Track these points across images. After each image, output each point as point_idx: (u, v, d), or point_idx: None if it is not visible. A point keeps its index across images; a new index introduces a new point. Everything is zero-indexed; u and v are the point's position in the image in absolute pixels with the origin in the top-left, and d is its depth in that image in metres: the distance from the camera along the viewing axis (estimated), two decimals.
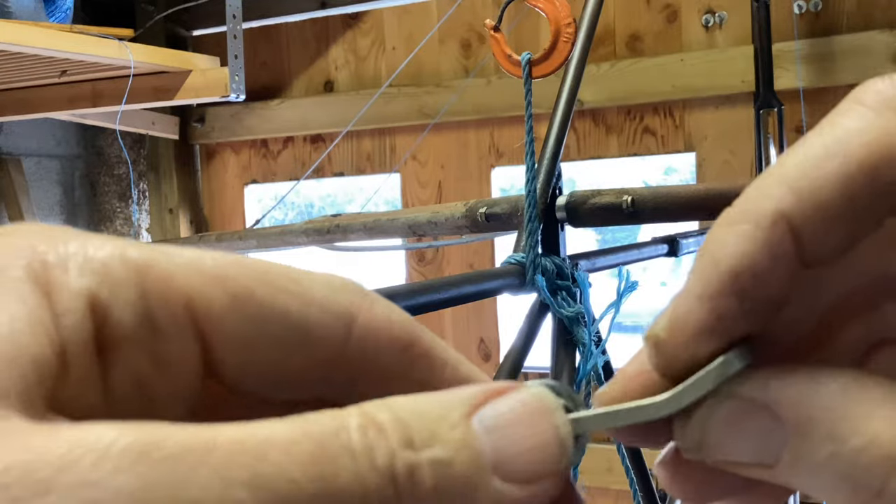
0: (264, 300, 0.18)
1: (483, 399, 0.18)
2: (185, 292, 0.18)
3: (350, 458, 0.16)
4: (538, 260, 0.83)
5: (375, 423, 0.16)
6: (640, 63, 2.53)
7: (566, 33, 0.86)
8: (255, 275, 0.19)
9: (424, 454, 0.16)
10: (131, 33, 2.10)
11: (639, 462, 1.00)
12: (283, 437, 0.16)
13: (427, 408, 0.17)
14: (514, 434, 0.17)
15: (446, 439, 0.17)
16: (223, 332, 0.18)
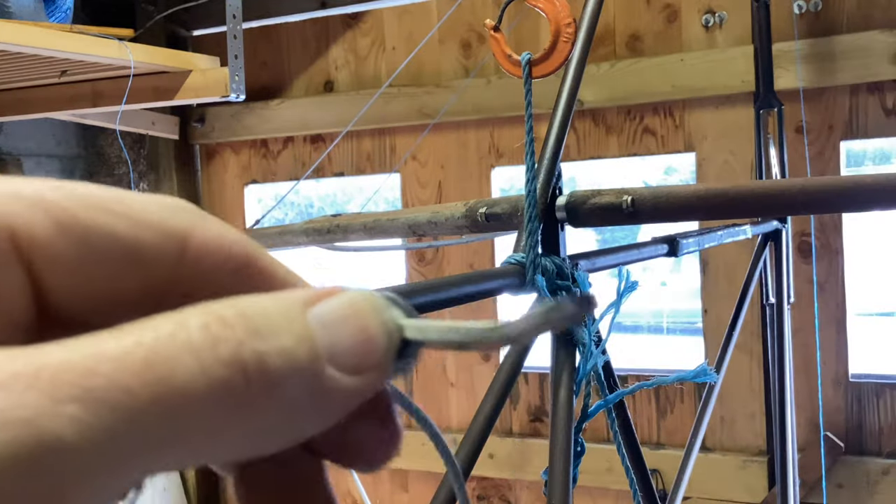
0: (89, 223, 0.18)
1: (316, 298, 0.18)
2: (6, 221, 0.17)
3: (190, 354, 0.16)
4: (538, 260, 0.83)
5: (219, 318, 0.17)
6: (640, 63, 2.53)
7: (566, 33, 0.86)
8: (79, 198, 0.18)
9: (271, 342, 0.17)
10: (131, 33, 2.10)
11: (639, 462, 1.00)
12: (115, 348, 0.16)
13: (267, 305, 0.18)
14: (344, 329, 0.18)
15: (289, 331, 0.17)
16: (49, 258, 0.18)
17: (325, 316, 0.18)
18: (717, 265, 2.49)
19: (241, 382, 0.16)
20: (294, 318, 0.18)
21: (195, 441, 0.16)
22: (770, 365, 1.98)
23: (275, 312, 0.18)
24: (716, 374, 0.99)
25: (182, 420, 0.16)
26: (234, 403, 0.16)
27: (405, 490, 2.95)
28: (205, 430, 0.16)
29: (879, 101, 2.33)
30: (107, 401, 0.15)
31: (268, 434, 0.17)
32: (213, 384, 0.16)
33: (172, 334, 0.16)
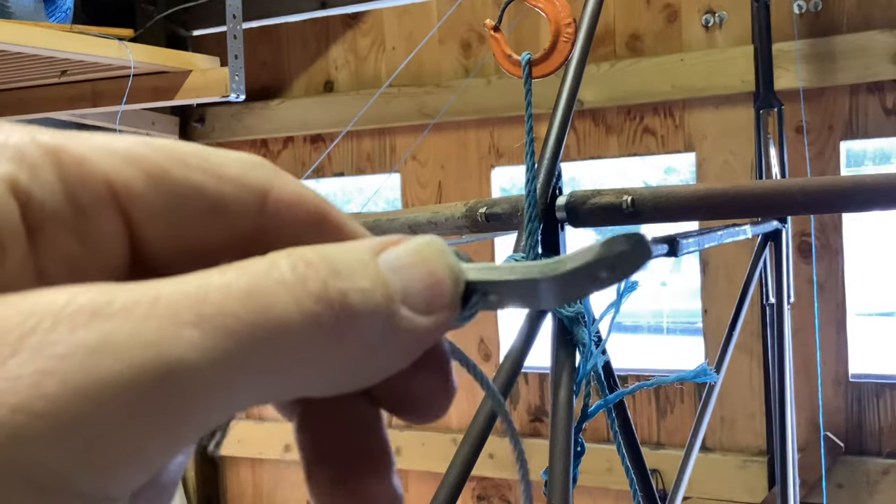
0: (179, 178, 0.20)
1: (384, 246, 0.20)
2: (103, 171, 0.19)
3: (285, 289, 0.18)
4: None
5: (304, 259, 0.18)
6: (640, 63, 2.53)
7: (566, 33, 0.86)
8: (169, 154, 0.20)
9: (350, 283, 0.18)
10: (131, 33, 2.10)
11: (639, 462, 1.00)
12: (220, 280, 0.17)
13: (343, 251, 0.19)
14: (413, 272, 0.20)
15: (364, 275, 0.19)
16: (143, 209, 0.19)
17: (395, 262, 0.20)
18: (717, 265, 2.50)
19: (329, 315, 0.18)
20: (367, 262, 0.19)
21: (290, 368, 0.18)
22: (770, 365, 1.98)
23: (351, 258, 0.19)
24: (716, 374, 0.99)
25: (280, 346, 0.17)
26: (323, 335, 0.18)
27: (405, 490, 2.95)
28: (298, 358, 0.18)
29: (879, 101, 2.33)
30: (218, 325, 0.16)
31: (349, 370, 0.19)
32: (306, 315, 0.18)
33: (267, 272, 0.18)
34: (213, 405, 0.17)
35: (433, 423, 0.23)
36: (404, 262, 0.20)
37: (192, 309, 0.16)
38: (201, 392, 0.16)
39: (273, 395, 0.18)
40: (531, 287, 0.22)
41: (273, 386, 0.18)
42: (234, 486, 3.27)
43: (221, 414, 0.17)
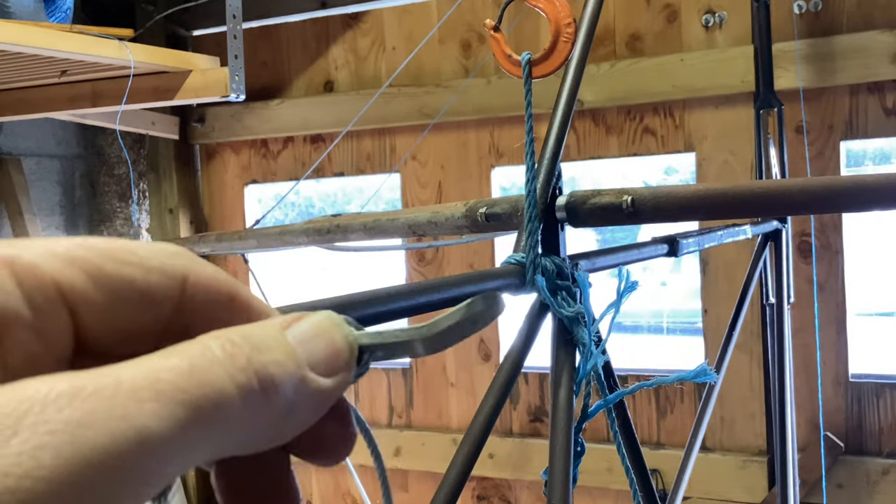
0: (112, 273, 0.23)
1: (290, 322, 0.25)
2: (51, 275, 0.22)
3: (219, 366, 0.22)
4: (538, 260, 0.83)
5: (230, 340, 0.22)
6: (640, 63, 2.53)
7: (566, 33, 0.86)
8: (102, 253, 0.24)
9: (268, 356, 0.23)
10: (131, 33, 2.10)
11: (639, 462, 1.00)
12: (166, 363, 0.21)
13: (259, 330, 0.24)
14: (315, 344, 0.24)
15: (277, 349, 0.23)
16: (85, 304, 0.23)
17: (300, 335, 0.24)
18: (717, 265, 2.50)
19: (255, 383, 0.22)
20: (279, 338, 0.24)
21: (230, 428, 0.21)
22: (770, 365, 1.98)
23: (265, 335, 0.23)
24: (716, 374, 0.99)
25: (221, 411, 0.21)
26: (252, 399, 0.22)
27: (405, 490, 2.95)
28: (235, 419, 0.22)
29: (879, 101, 2.33)
30: (171, 398, 0.20)
31: (273, 427, 0.23)
32: (237, 385, 0.22)
33: (202, 353, 0.22)
34: (174, 462, 0.20)
35: (335, 465, 0.28)
36: (308, 335, 0.24)
37: (150, 388, 0.20)
38: (165, 452, 0.20)
39: (218, 451, 0.22)
40: (411, 346, 0.28)
41: (218, 443, 0.21)
42: None
43: (180, 469, 0.21)
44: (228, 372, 0.22)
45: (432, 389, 2.89)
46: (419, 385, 2.91)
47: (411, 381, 2.92)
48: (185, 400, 0.20)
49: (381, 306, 0.59)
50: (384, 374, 2.98)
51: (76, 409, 0.19)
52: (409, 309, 0.62)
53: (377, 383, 2.98)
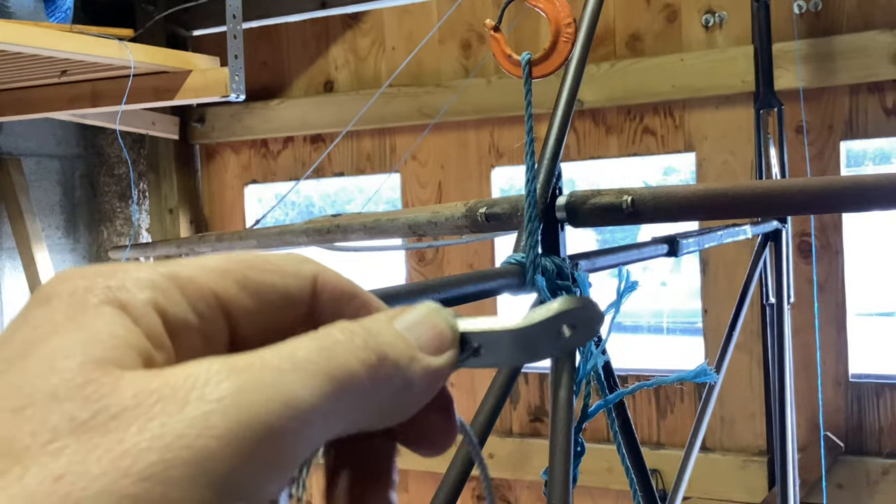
0: (257, 280, 0.27)
1: (396, 315, 0.28)
2: (209, 287, 0.26)
3: (342, 346, 0.25)
4: (538, 260, 0.83)
5: (348, 328, 0.26)
6: (640, 63, 2.53)
7: (566, 33, 0.86)
8: (246, 263, 0.27)
9: (381, 339, 0.26)
10: (131, 33, 2.10)
11: (639, 462, 1.00)
12: (299, 343, 0.24)
13: (371, 320, 0.27)
14: (421, 328, 0.28)
15: (388, 334, 0.26)
16: (238, 308, 0.26)
17: (406, 323, 0.27)
18: (717, 265, 2.49)
19: (374, 360, 0.25)
20: (389, 326, 0.27)
21: (359, 399, 0.25)
22: (770, 365, 1.98)
23: (377, 324, 0.27)
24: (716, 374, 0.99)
25: (351, 383, 0.24)
26: (374, 374, 0.25)
27: (405, 490, 2.95)
28: (363, 392, 0.25)
29: (879, 101, 2.33)
30: (312, 372, 0.24)
31: (394, 403, 0.26)
32: (360, 362, 0.25)
33: (327, 337, 0.25)
34: (317, 428, 0.23)
35: (438, 455, 0.30)
36: (413, 322, 0.28)
37: (289, 363, 0.24)
38: (309, 418, 0.23)
39: (351, 423, 0.25)
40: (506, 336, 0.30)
41: (350, 415, 0.25)
42: None
43: (321, 435, 0.24)
44: (351, 351, 0.25)
45: None
46: None
47: None
48: (321, 371, 0.24)
49: None
50: None
51: (233, 381, 0.22)
52: None
53: None
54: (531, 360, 0.31)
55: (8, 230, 2.90)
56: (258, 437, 0.22)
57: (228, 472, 0.21)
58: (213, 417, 0.21)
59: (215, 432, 0.21)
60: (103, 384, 0.22)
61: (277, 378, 0.23)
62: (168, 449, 0.21)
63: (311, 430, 0.23)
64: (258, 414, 0.22)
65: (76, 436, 0.21)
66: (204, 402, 0.22)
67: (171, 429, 0.21)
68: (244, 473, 0.22)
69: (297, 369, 0.23)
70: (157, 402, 0.22)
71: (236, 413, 0.22)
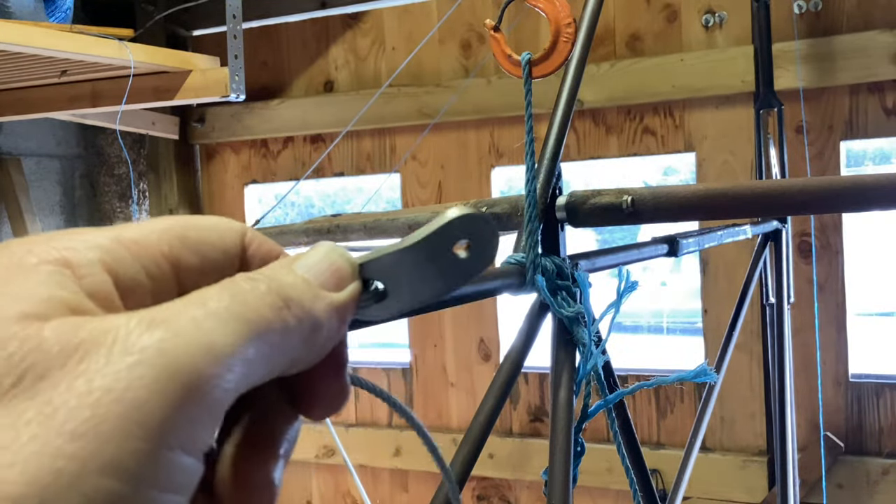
0: (197, 238, 0.28)
1: (295, 259, 0.29)
2: (157, 247, 0.27)
3: (251, 294, 0.26)
4: (538, 260, 0.83)
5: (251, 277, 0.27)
6: (640, 63, 2.53)
7: (566, 33, 0.86)
8: (184, 225, 0.28)
9: (285, 281, 0.27)
10: (131, 33, 2.10)
11: (639, 462, 1.00)
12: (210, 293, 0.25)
13: (273, 268, 0.28)
14: (320, 267, 0.29)
15: (290, 276, 0.27)
16: (184, 266, 0.27)
17: (305, 265, 0.29)
18: (717, 265, 2.50)
19: (281, 303, 0.26)
20: (289, 269, 0.28)
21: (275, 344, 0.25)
22: (770, 365, 1.98)
23: (278, 271, 0.28)
24: (716, 374, 0.99)
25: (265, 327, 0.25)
26: (284, 318, 0.26)
27: (405, 490, 2.95)
28: (277, 336, 0.25)
29: (879, 101, 2.33)
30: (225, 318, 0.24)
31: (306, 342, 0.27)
32: (270, 306, 0.26)
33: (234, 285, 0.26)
34: (237, 372, 0.24)
35: (326, 418, 0.31)
36: (312, 264, 0.29)
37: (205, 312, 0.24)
38: (229, 362, 0.23)
39: (269, 368, 0.25)
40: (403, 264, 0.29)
41: (268, 359, 0.25)
42: None
43: (243, 381, 0.24)
44: (259, 297, 0.25)
45: (432, 389, 2.89)
46: (419, 385, 2.91)
47: (411, 380, 2.92)
48: (235, 318, 0.24)
49: None
50: (384, 374, 2.98)
51: (154, 332, 0.23)
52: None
53: (377, 383, 2.97)
54: (435, 291, 0.30)
55: (8, 230, 2.90)
56: (185, 384, 0.22)
57: (161, 421, 0.21)
58: (138, 368, 0.22)
59: (143, 382, 0.21)
60: (26, 338, 0.22)
61: (196, 326, 0.23)
62: (98, 404, 0.21)
63: (232, 374, 0.23)
64: (182, 362, 0.22)
65: (2, 403, 0.21)
66: (128, 353, 0.22)
67: (98, 384, 0.21)
68: (176, 422, 0.22)
69: (213, 316, 0.24)
70: (83, 357, 0.22)
71: (161, 362, 0.22)
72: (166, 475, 0.21)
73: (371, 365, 3.03)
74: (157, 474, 0.21)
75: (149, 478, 0.21)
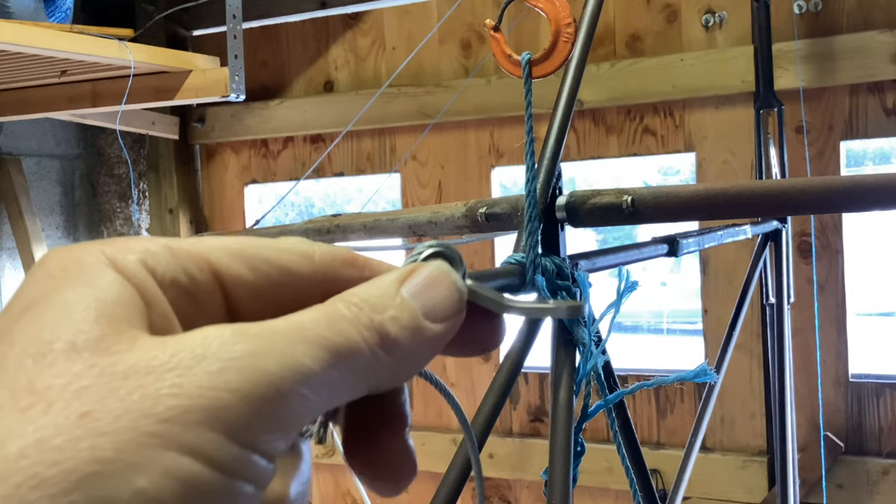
0: (252, 254, 0.28)
1: (404, 277, 0.29)
2: (204, 255, 0.28)
3: (348, 323, 0.26)
4: (538, 260, 0.83)
5: (353, 303, 0.27)
6: (640, 63, 2.53)
7: (566, 33, 0.86)
8: (242, 241, 0.29)
9: (386, 314, 0.27)
10: (131, 33, 2.10)
11: (639, 462, 1.00)
12: (308, 317, 0.26)
13: (376, 289, 0.28)
14: (429, 294, 0.28)
15: (394, 305, 0.28)
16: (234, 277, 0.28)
17: (414, 289, 0.28)
18: (717, 265, 2.49)
19: (377, 340, 0.27)
20: (394, 296, 0.28)
21: (360, 370, 0.26)
22: (770, 365, 1.98)
23: (382, 294, 0.28)
24: (716, 374, 0.99)
25: (354, 357, 0.26)
26: (376, 351, 0.27)
27: (405, 490, 2.95)
28: (365, 366, 0.26)
29: (879, 101, 2.33)
30: (316, 343, 0.25)
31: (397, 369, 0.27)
32: (365, 339, 0.26)
33: (334, 311, 0.27)
34: (321, 394, 0.25)
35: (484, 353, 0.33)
36: (421, 288, 0.29)
37: (298, 334, 0.25)
38: (314, 384, 0.25)
39: (353, 391, 0.26)
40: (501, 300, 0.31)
41: (352, 384, 0.26)
42: None
43: (325, 401, 0.25)
44: (356, 327, 0.26)
45: (432, 389, 2.87)
46: (419, 385, 2.91)
47: (411, 381, 2.92)
48: (327, 345, 0.25)
49: None
50: None
51: (246, 345, 0.24)
52: None
53: None
54: None
55: (8, 230, 2.90)
56: (268, 396, 0.24)
57: (240, 423, 0.23)
58: (228, 374, 0.23)
59: (230, 387, 0.23)
60: (120, 342, 0.24)
61: (287, 346, 0.25)
62: (187, 396, 0.23)
63: (315, 395, 0.25)
64: (269, 376, 0.24)
65: (98, 379, 0.23)
66: (219, 360, 0.24)
67: (188, 380, 0.23)
68: (253, 426, 0.23)
69: (305, 340, 0.25)
70: (174, 358, 0.23)
71: (249, 373, 0.24)
72: (239, 466, 0.23)
73: None
74: (229, 464, 0.23)
75: (222, 464, 0.23)
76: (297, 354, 0.25)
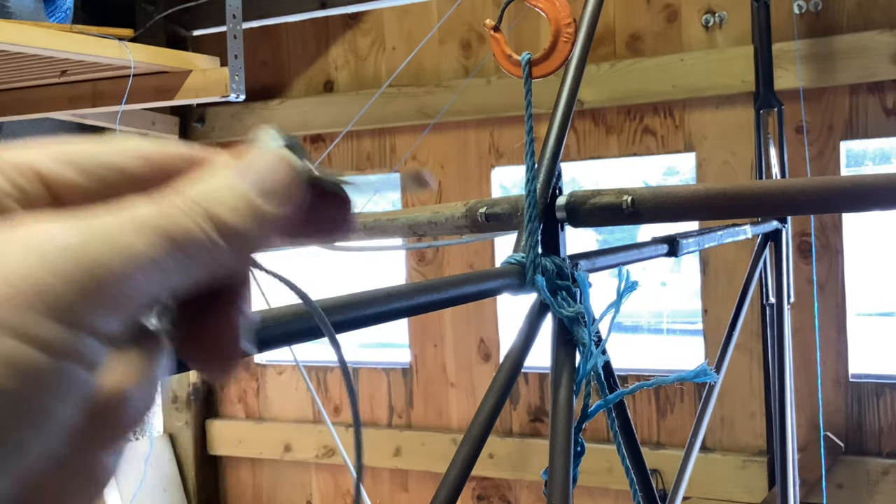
0: (82, 157, 0.28)
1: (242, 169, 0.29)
2: (30, 164, 0.27)
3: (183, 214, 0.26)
4: (538, 260, 0.83)
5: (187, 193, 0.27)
6: (640, 63, 2.53)
7: (566, 33, 0.86)
8: (71, 146, 0.28)
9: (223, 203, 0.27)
10: (131, 33, 2.10)
11: (639, 462, 1.00)
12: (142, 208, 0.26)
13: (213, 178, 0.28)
14: (267, 179, 0.29)
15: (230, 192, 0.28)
16: (62, 182, 0.28)
17: (252, 174, 0.28)
18: (717, 265, 2.49)
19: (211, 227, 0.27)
20: (230, 184, 0.28)
21: (197, 258, 0.26)
22: (770, 365, 1.98)
23: (216, 182, 0.28)
24: (716, 374, 0.99)
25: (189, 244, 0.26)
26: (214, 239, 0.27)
27: (405, 490, 2.95)
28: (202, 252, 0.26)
29: (879, 101, 2.33)
30: (150, 231, 0.25)
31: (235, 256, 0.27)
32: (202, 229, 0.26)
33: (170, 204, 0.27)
34: (155, 278, 0.25)
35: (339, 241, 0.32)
36: (258, 173, 0.29)
37: (131, 223, 0.25)
38: (148, 268, 0.25)
39: (188, 277, 0.26)
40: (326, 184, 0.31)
41: (187, 270, 0.26)
42: (234, 486, 3.27)
43: (159, 286, 0.25)
44: (191, 217, 0.26)
45: (432, 389, 2.89)
46: (419, 385, 2.91)
47: (411, 380, 2.92)
48: (161, 232, 0.25)
49: (381, 306, 0.59)
50: (384, 373, 2.98)
51: (79, 235, 0.24)
52: (409, 309, 0.62)
53: (377, 383, 2.98)
54: None
55: None
56: (97, 278, 0.24)
57: (65, 302, 0.23)
58: (57, 262, 0.24)
59: (57, 271, 0.23)
60: None
61: (119, 234, 0.25)
62: (13, 285, 0.23)
63: (145, 278, 0.25)
64: (98, 260, 0.24)
65: None
66: (50, 251, 0.24)
67: (15, 267, 0.23)
68: (78, 305, 0.24)
69: (138, 229, 0.25)
70: (3, 249, 0.24)
71: (79, 258, 0.24)
72: (66, 347, 0.23)
73: (371, 365, 3.03)
74: (55, 343, 0.23)
75: (47, 343, 0.23)
76: (128, 239, 0.25)
